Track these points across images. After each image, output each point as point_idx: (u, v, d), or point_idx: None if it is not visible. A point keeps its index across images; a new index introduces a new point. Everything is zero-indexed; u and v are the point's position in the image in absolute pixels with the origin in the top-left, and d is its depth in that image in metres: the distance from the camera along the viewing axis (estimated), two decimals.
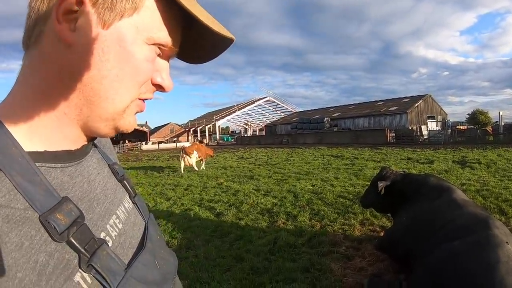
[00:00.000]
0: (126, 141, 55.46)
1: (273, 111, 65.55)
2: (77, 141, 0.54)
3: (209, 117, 67.64)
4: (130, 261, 0.52)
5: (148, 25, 0.50)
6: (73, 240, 0.43)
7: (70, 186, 0.49)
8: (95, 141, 0.66)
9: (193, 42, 0.59)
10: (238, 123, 70.07)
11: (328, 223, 5.34)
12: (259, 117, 68.41)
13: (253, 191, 8.41)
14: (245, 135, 60.69)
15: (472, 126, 40.82)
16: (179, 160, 13.69)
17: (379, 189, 3.76)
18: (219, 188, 9.09)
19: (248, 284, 3.45)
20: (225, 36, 0.54)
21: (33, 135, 0.48)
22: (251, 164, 15.47)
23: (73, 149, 0.53)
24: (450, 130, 29.63)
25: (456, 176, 8.99)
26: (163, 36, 0.52)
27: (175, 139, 64.10)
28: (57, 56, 0.47)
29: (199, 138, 58.95)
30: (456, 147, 18.51)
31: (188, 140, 61.42)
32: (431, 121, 38.16)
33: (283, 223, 5.53)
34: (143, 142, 55.18)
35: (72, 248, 0.43)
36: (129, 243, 0.56)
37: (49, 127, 0.49)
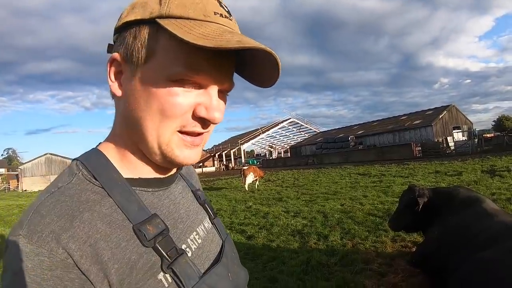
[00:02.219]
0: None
1: (297, 132, 65.24)
2: (162, 171, 0.68)
3: (234, 141, 67.94)
4: (206, 271, 0.64)
5: (165, 64, 0.56)
6: (158, 247, 0.56)
7: (159, 206, 0.64)
8: (183, 171, 0.84)
9: (253, 68, 0.64)
10: (263, 146, 70.02)
11: (359, 241, 5.34)
12: (284, 139, 68.19)
13: (283, 213, 8.45)
14: (271, 158, 60.66)
15: (498, 133, 39.58)
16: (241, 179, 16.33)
17: (419, 206, 3.73)
18: (248, 211, 9.19)
19: None
20: (238, 47, 0.51)
21: (128, 166, 0.64)
22: (278, 186, 15.50)
23: (161, 177, 0.68)
24: (476, 139, 28.72)
25: (486, 186, 8.79)
26: (180, 70, 0.55)
27: (201, 164, 64.57)
28: (118, 105, 0.64)
29: (224, 163, 59.25)
30: (484, 156, 17.94)
31: (213, 165, 61.79)
32: (457, 132, 37.11)
33: (315, 243, 5.56)
34: None
35: (157, 253, 0.56)
36: (206, 256, 0.68)
37: (135, 160, 0.65)
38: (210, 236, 0.75)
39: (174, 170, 0.73)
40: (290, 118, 61.91)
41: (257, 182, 16.06)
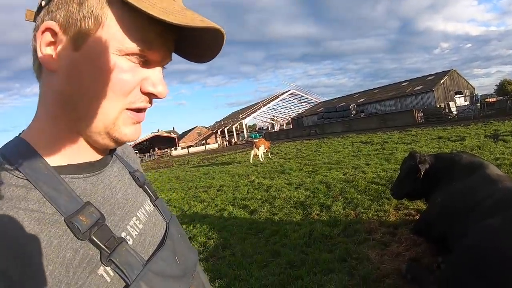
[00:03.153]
0: (156, 149, 56.58)
1: (298, 103, 65.14)
2: (95, 154, 0.62)
3: (235, 116, 67.98)
4: (150, 257, 0.58)
5: (114, 37, 0.52)
6: (94, 238, 0.50)
7: (93, 192, 0.58)
8: (119, 152, 0.76)
9: (190, 43, 0.61)
10: (265, 119, 69.98)
11: (362, 210, 5.29)
12: (285, 111, 68.14)
13: (285, 185, 8.41)
14: (273, 130, 60.62)
15: (501, 97, 39.22)
16: (250, 152, 17.48)
17: (421, 173, 3.66)
18: (251, 186, 9.16)
19: (286, 278, 3.48)
20: (200, 26, 0.52)
21: (55, 152, 0.56)
22: (281, 159, 15.48)
23: (93, 161, 0.61)
24: (479, 104, 28.47)
25: (489, 151, 8.65)
26: (132, 45, 0.53)
27: (204, 141, 64.87)
28: (50, 83, 0.55)
29: (227, 138, 59.40)
30: (487, 121, 17.79)
31: (216, 142, 62.00)
32: (459, 97, 36.80)
33: (317, 215, 5.53)
34: (172, 148, 56.13)
35: (94, 245, 0.50)
36: (149, 242, 0.62)
37: (65, 144, 0.57)
38: (153, 220, 0.68)
39: (107, 152, 0.66)
40: (290, 90, 61.75)
41: (268, 154, 17.49)
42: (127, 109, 0.57)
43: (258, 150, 16.09)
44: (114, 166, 0.68)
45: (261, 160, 15.71)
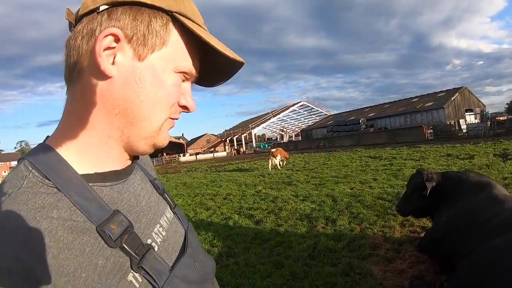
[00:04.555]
0: (164, 154, 56.77)
1: (308, 115, 65.08)
2: (121, 162, 0.64)
3: (245, 125, 68.11)
4: (174, 264, 0.62)
5: (174, 56, 0.60)
6: (125, 246, 0.52)
7: (120, 201, 0.59)
8: (138, 161, 0.78)
9: (210, 68, 0.67)
10: (274, 129, 70.08)
11: (367, 226, 5.28)
12: (294, 122, 68.15)
13: (292, 197, 8.41)
14: (282, 141, 60.60)
15: None
16: (267, 161, 18.09)
17: (428, 190, 3.65)
18: (257, 196, 9.17)
19: None
20: (237, 60, 0.62)
21: (84, 159, 0.57)
22: (288, 170, 15.46)
23: (119, 169, 0.63)
24: (489, 122, 28.16)
25: (498, 170, 8.57)
26: (188, 65, 0.62)
27: (212, 149, 64.96)
28: (98, 87, 0.55)
29: (236, 147, 59.45)
30: (497, 140, 17.62)
31: (225, 150, 62.06)
32: (469, 114, 36.47)
33: (323, 228, 5.53)
34: (180, 154, 56.33)
35: (125, 253, 0.52)
36: (172, 248, 0.65)
37: (96, 150, 0.58)
38: (173, 227, 0.71)
39: (131, 160, 0.68)
40: (300, 101, 61.76)
41: (284, 163, 18.00)
42: (170, 118, 0.64)
43: (276, 159, 16.96)
44: (137, 175, 0.70)
45: (279, 168, 16.84)
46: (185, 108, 0.66)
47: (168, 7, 0.57)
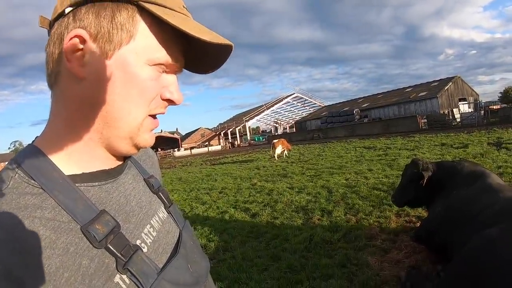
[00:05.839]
0: (159, 149, 56.66)
1: (302, 107, 65.06)
2: (110, 161, 0.63)
3: (239, 118, 68.02)
4: (164, 265, 0.60)
5: (145, 48, 0.56)
6: (110, 247, 0.51)
7: (108, 200, 0.59)
8: (135, 158, 0.77)
9: (197, 55, 0.64)
10: (268, 122, 69.96)
11: (363, 216, 5.30)
12: (289, 114, 68.08)
13: (287, 189, 8.42)
14: (276, 134, 60.55)
15: (505, 105, 39.06)
16: (269, 152, 18.94)
17: (425, 180, 3.66)
18: (253, 189, 9.17)
19: (285, 282, 3.50)
20: (221, 43, 0.57)
21: (70, 160, 0.57)
22: (283, 162, 15.47)
23: (107, 169, 0.62)
24: (483, 111, 28.30)
25: (492, 159, 8.62)
26: (161, 55, 0.58)
27: (207, 143, 64.85)
28: (74, 90, 0.56)
29: (230, 140, 59.41)
30: (491, 128, 17.72)
31: (219, 144, 62.01)
32: (463, 104, 36.64)
33: (318, 220, 5.54)
34: (175, 149, 56.21)
35: (110, 253, 0.51)
36: (162, 249, 0.64)
37: (81, 152, 0.58)
38: (166, 227, 0.70)
39: (122, 159, 0.67)
40: (294, 93, 61.69)
41: (285, 152, 18.30)
42: (150, 115, 0.61)
43: (278, 149, 17.43)
44: (129, 173, 0.69)
45: (283, 157, 17.60)
46: (170, 101, 0.63)
47: None
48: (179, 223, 0.76)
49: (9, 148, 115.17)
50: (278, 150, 17.43)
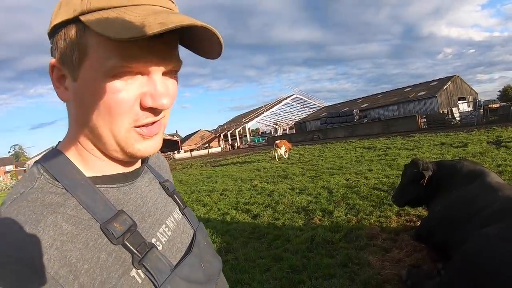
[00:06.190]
0: (159, 152, 56.63)
1: (301, 108, 65.00)
2: (127, 166, 0.67)
3: (238, 120, 67.97)
4: (178, 263, 0.64)
5: (99, 60, 0.53)
6: (127, 243, 0.56)
7: (126, 201, 0.63)
8: (151, 163, 0.83)
9: (191, 41, 0.60)
10: (268, 123, 69.93)
11: (364, 216, 5.33)
12: (288, 115, 68.01)
13: (288, 190, 8.45)
14: (276, 135, 60.55)
15: (504, 103, 39.09)
16: (273, 153, 18.82)
17: (425, 179, 3.69)
18: (254, 190, 9.20)
19: (287, 282, 3.53)
20: (185, 25, 0.48)
21: (89, 164, 0.62)
22: (284, 164, 15.50)
23: (126, 172, 0.67)
24: (482, 110, 28.23)
25: (492, 157, 8.63)
26: (114, 62, 0.52)
27: (207, 145, 64.84)
28: (70, 109, 0.62)
29: (230, 142, 59.38)
30: (490, 127, 17.71)
31: (219, 146, 61.97)
32: (462, 103, 36.59)
33: (319, 220, 5.57)
34: (175, 152, 56.19)
35: (127, 250, 0.56)
36: (177, 248, 0.68)
37: (95, 158, 0.63)
38: (181, 227, 0.74)
39: (139, 163, 0.72)
40: (293, 94, 61.63)
41: (287, 154, 18.55)
42: (136, 126, 0.58)
43: (280, 149, 17.81)
44: (145, 177, 0.74)
45: (284, 157, 17.84)
46: (152, 109, 0.58)
47: (73, 13, 0.53)
48: (193, 224, 0.80)
49: (9, 152, 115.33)
50: (282, 150, 17.84)
